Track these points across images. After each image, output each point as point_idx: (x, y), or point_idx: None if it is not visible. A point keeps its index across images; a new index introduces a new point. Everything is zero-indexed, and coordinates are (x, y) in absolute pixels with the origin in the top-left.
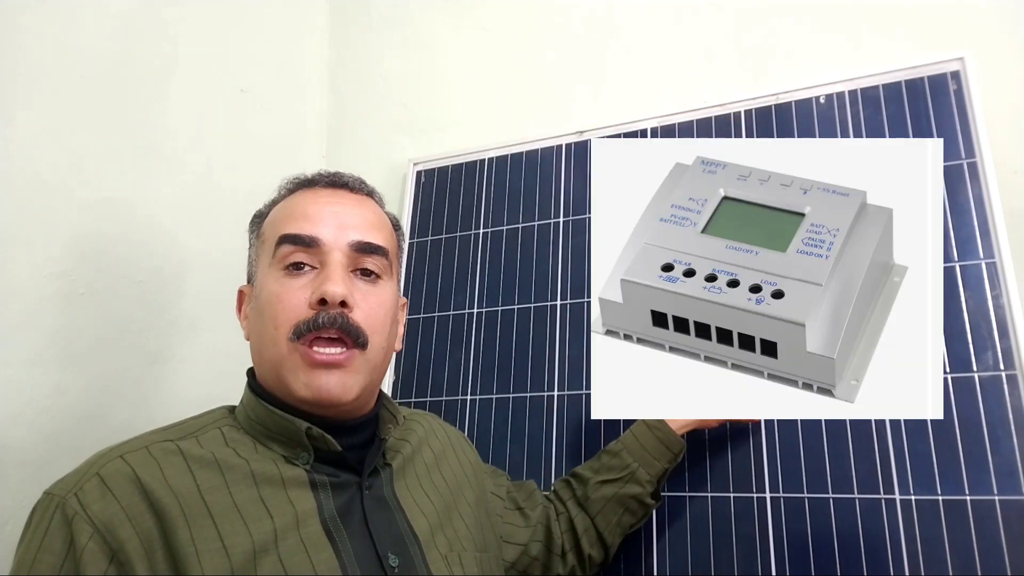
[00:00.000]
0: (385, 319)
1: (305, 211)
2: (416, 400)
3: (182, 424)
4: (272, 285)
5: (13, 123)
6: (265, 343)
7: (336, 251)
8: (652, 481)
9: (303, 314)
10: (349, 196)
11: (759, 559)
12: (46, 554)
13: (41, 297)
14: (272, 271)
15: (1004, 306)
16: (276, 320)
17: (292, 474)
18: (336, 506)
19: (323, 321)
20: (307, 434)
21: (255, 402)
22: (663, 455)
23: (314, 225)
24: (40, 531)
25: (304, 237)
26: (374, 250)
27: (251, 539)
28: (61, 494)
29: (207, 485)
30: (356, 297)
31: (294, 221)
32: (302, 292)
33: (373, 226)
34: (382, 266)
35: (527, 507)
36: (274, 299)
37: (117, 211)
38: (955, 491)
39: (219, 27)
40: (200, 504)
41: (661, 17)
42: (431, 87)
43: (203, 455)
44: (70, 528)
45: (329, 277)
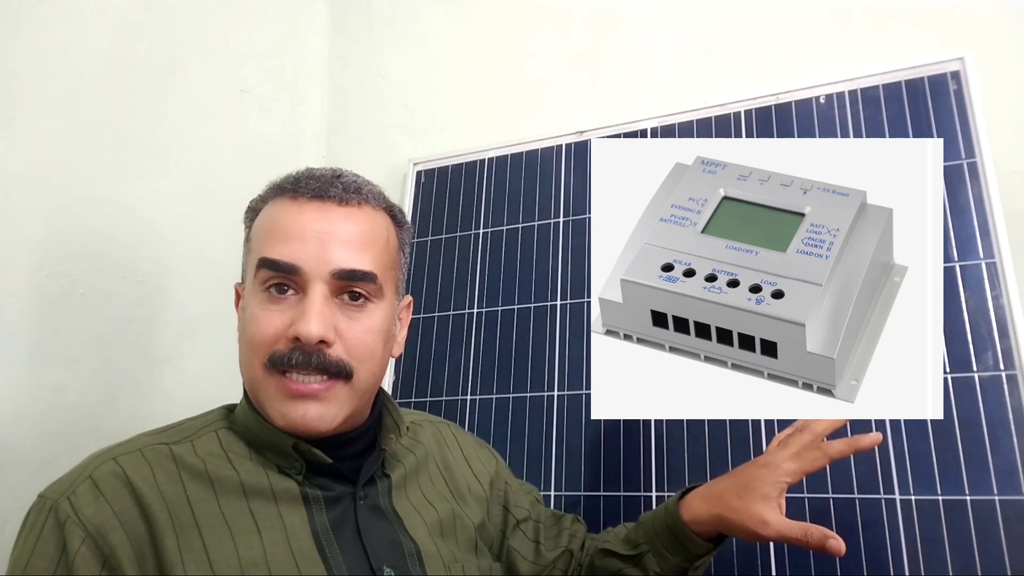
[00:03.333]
0: (374, 345)
1: (287, 231)
2: (416, 400)
3: (179, 426)
4: (253, 308)
5: (13, 123)
6: (244, 363)
7: (317, 281)
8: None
9: (277, 346)
10: (336, 211)
11: (759, 559)
12: (39, 559)
13: (41, 297)
14: (255, 291)
15: (1004, 306)
16: (252, 344)
17: (283, 486)
18: (329, 519)
19: (297, 361)
20: (295, 448)
21: (248, 410)
22: (676, 550)
23: (295, 250)
24: (33, 535)
25: (283, 264)
26: (360, 277)
27: (237, 554)
28: (54, 498)
29: (196, 496)
30: (340, 327)
31: (275, 243)
32: (280, 319)
33: (361, 245)
34: (371, 289)
35: (546, 546)
36: (252, 323)
37: (117, 211)
38: (955, 491)
39: (219, 27)
40: (188, 514)
41: (661, 17)
42: (431, 87)
43: (195, 464)
44: (62, 532)
45: (305, 313)
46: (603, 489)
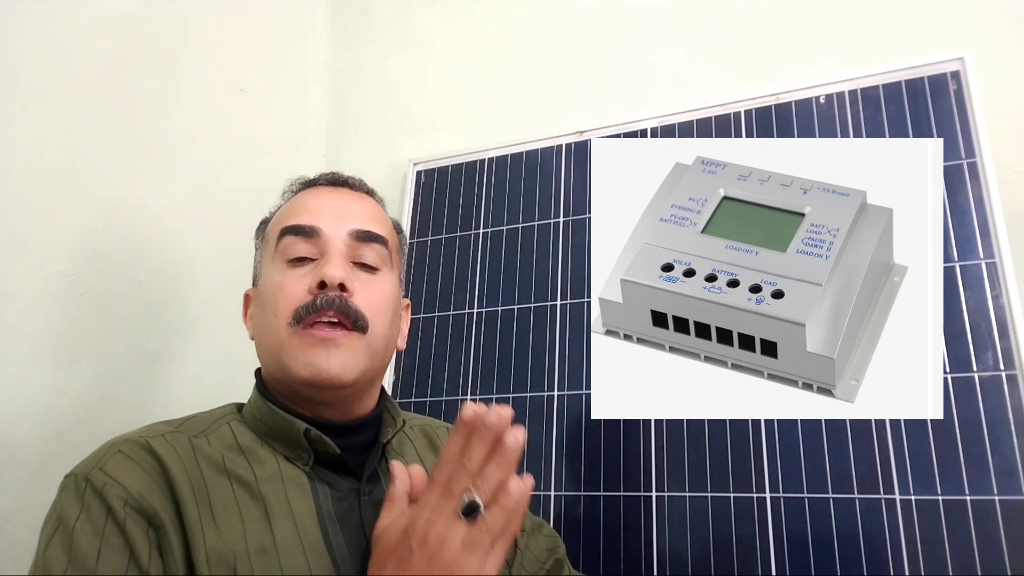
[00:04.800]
0: (386, 307)
1: (306, 206)
2: (416, 400)
3: (193, 419)
4: (275, 276)
5: (13, 123)
6: (267, 332)
7: (336, 240)
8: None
9: (303, 299)
10: (349, 193)
11: (759, 559)
12: (85, 523)
13: (41, 297)
14: (275, 264)
15: (1004, 306)
16: (276, 308)
17: (292, 474)
18: (334, 510)
19: (321, 303)
20: (306, 435)
21: (260, 401)
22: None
23: (314, 217)
24: (73, 505)
25: (305, 227)
26: (374, 239)
27: (245, 539)
28: (85, 471)
29: (213, 482)
30: (356, 284)
31: (295, 215)
32: (302, 280)
33: (373, 218)
34: (382, 257)
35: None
36: (275, 288)
37: (117, 211)
38: (955, 491)
39: (219, 27)
40: (205, 494)
41: (661, 17)
42: (431, 87)
43: (212, 454)
44: (103, 498)
45: (328, 261)
46: (603, 489)
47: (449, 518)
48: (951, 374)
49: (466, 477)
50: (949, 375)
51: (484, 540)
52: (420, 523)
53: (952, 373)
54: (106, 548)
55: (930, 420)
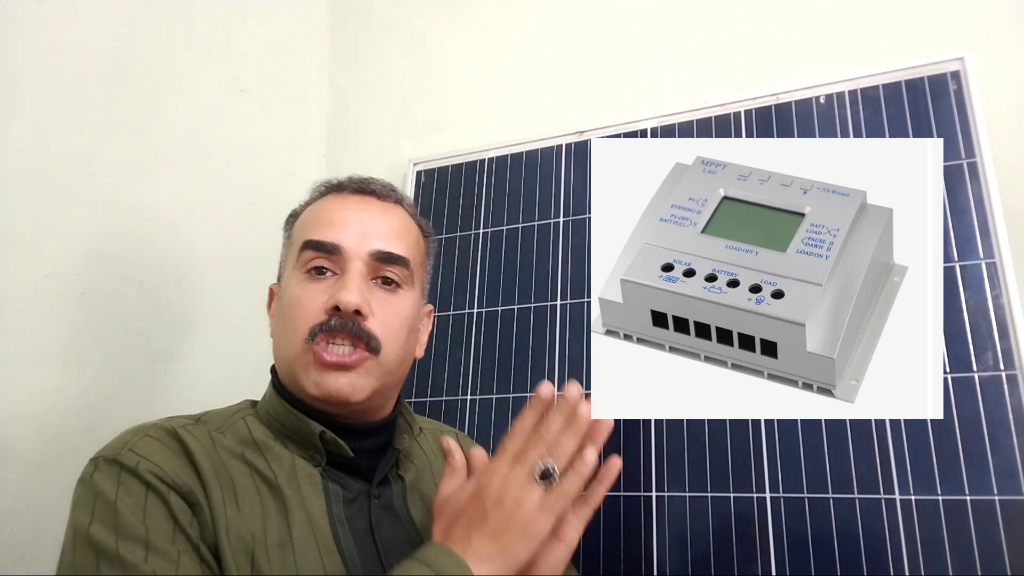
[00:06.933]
0: (401, 328)
1: (331, 217)
2: (416, 400)
3: (208, 414)
4: (294, 288)
5: (14, 123)
6: (283, 343)
7: (356, 259)
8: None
9: (318, 318)
10: (376, 203)
11: (759, 559)
12: (126, 497)
13: (41, 297)
14: (296, 274)
15: (1004, 306)
16: (295, 323)
17: (307, 472)
18: (345, 512)
19: (335, 325)
20: (321, 437)
21: (276, 399)
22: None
23: (337, 232)
24: (109, 482)
25: (326, 244)
26: (395, 260)
27: (264, 531)
28: (113, 454)
29: (236, 472)
30: (372, 305)
31: (319, 227)
32: (320, 296)
33: (397, 234)
34: (403, 276)
35: None
36: (294, 302)
37: (117, 211)
38: (955, 491)
39: (219, 27)
40: (229, 482)
41: (661, 17)
42: (431, 87)
43: (231, 447)
44: (138, 474)
45: (345, 285)
46: None
47: (524, 482)
48: (951, 374)
49: (541, 445)
50: (949, 375)
51: (559, 503)
52: (493, 486)
53: (952, 373)
54: (150, 519)
55: (930, 420)
